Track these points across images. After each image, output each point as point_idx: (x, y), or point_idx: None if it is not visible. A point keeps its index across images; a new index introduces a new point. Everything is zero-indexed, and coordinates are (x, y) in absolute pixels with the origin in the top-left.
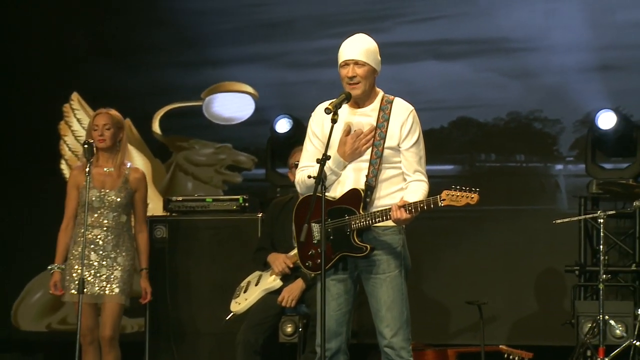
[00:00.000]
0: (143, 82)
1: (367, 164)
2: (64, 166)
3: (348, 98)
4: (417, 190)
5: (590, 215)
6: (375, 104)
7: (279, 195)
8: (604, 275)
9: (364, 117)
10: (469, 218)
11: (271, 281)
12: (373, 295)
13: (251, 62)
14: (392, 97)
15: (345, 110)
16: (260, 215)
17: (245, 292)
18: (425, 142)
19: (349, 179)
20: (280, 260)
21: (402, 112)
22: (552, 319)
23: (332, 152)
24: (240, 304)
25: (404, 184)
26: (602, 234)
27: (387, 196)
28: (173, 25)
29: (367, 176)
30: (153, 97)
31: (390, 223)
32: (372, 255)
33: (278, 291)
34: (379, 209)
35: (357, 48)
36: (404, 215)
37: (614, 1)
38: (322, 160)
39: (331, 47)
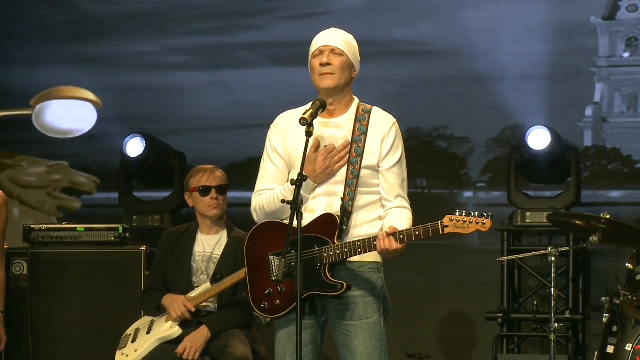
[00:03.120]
0: None
1: (341, 187)
2: None
3: (323, 106)
4: (401, 218)
5: (541, 252)
6: (350, 113)
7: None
8: (555, 324)
9: (337, 130)
10: None
11: (167, 328)
12: (346, 346)
13: (92, 63)
14: (370, 106)
15: (314, 122)
16: (144, 248)
17: (133, 341)
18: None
19: (319, 204)
20: (178, 303)
21: (383, 125)
22: None
23: (297, 172)
24: (129, 356)
25: (383, 212)
26: (553, 274)
27: (366, 224)
28: None
29: (343, 199)
30: None
31: (367, 258)
32: (346, 297)
33: (177, 341)
34: (357, 238)
35: (336, 36)
36: (393, 245)
37: (533, 0)
38: (299, 181)
39: (190, 46)
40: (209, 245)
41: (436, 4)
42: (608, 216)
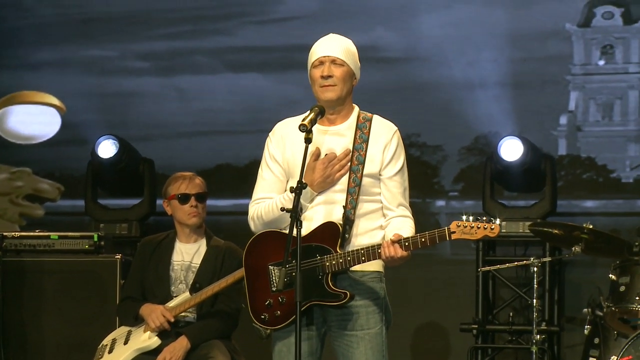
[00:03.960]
0: None
1: (342, 195)
2: None
3: (322, 112)
4: (403, 226)
5: (524, 262)
6: (351, 121)
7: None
8: (537, 336)
9: (338, 138)
10: None
11: (145, 339)
12: (347, 357)
13: (57, 67)
14: (370, 114)
15: (313, 129)
16: (119, 256)
17: (110, 352)
18: None
19: (318, 212)
20: (157, 313)
21: (385, 132)
22: None
23: (296, 180)
24: None
25: (384, 221)
26: (535, 285)
27: (366, 234)
28: None
29: (345, 207)
30: None
31: (369, 267)
32: (348, 307)
33: (155, 351)
34: (358, 247)
35: (336, 45)
36: (399, 252)
37: (507, 6)
38: (298, 189)
39: (158, 50)
40: (188, 254)
41: (407, 10)
42: (591, 226)
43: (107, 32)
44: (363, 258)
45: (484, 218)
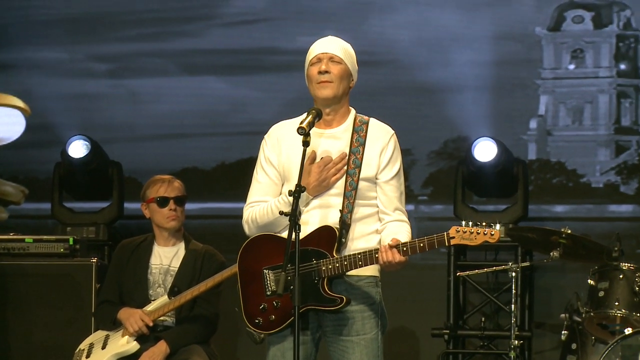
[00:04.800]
0: None
1: (337, 199)
2: None
3: (319, 115)
4: (400, 231)
5: (501, 267)
6: (348, 124)
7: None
8: (515, 341)
9: (334, 141)
10: None
11: (124, 343)
12: None
13: (21, 69)
14: (367, 117)
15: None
16: (94, 259)
17: (88, 356)
18: (241, 178)
19: (314, 216)
20: (135, 317)
21: (382, 136)
22: None
23: (291, 184)
24: None
25: (380, 225)
26: (513, 290)
27: (362, 238)
28: None
29: (341, 211)
30: None
31: (365, 272)
32: (344, 312)
33: (134, 356)
34: (354, 252)
35: (334, 44)
36: (396, 257)
37: (476, 10)
38: (297, 192)
39: (121, 53)
40: (166, 257)
41: (375, 13)
42: (569, 231)
43: (70, 34)
44: (360, 263)
45: (484, 223)
